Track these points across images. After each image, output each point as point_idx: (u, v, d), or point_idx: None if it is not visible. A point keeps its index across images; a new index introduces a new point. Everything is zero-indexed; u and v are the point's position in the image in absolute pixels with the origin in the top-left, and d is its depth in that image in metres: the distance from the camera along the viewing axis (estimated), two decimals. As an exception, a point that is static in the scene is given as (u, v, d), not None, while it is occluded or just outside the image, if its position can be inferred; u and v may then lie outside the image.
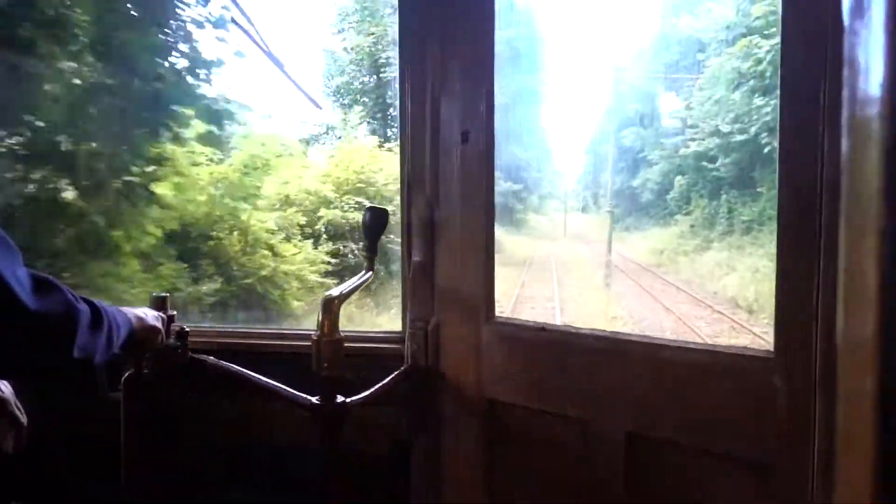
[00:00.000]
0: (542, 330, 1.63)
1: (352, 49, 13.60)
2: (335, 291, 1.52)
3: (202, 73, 6.58)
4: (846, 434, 0.69)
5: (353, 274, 1.70)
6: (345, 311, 1.56)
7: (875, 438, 0.58)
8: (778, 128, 1.28)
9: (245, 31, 2.10)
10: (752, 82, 14.66)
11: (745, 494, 1.36)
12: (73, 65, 5.58)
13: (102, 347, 1.30)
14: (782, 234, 1.27)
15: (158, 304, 1.78)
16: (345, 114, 12.73)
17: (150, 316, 1.60)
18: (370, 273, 1.73)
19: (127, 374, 1.73)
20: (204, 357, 1.81)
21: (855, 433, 0.64)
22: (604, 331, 1.57)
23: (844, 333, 0.66)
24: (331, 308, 1.48)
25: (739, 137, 15.09)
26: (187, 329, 1.79)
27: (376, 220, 1.72)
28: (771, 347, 1.29)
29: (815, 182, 1.20)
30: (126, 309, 1.49)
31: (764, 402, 1.29)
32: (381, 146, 9.80)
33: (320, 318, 1.47)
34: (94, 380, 1.87)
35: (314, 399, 1.48)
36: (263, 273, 7.30)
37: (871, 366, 0.60)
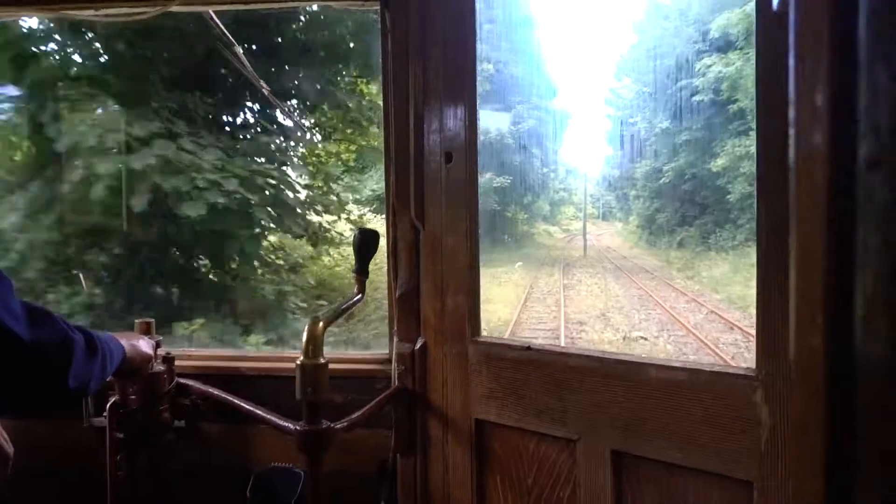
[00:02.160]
0: (527, 349, 1.64)
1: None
2: (320, 315, 1.52)
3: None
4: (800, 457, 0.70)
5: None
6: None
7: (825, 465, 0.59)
8: (755, 136, 1.30)
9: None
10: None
11: (730, 511, 1.36)
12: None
13: (97, 376, 1.30)
14: (761, 253, 1.28)
15: (144, 328, 1.78)
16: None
17: (143, 342, 1.61)
18: (360, 295, 1.73)
19: (112, 401, 1.72)
20: (190, 382, 1.81)
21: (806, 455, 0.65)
22: (589, 349, 1.57)
23: (796, 352, 0.66)
24: (315, 332, 1.48)
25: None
26: (173, 354, 1.79)
27: (367, 241, 1.72)
28: (752, 365, 1.30)
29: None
30: (118, 335, 1.49)
31: (745, 420, 1.30)
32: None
33: (305, 343, 1.47)
34: (78, 406, 1.87)
35: (298, 425, 1.48)
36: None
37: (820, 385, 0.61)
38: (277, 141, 7.73)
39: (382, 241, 1.81)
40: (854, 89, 0.51)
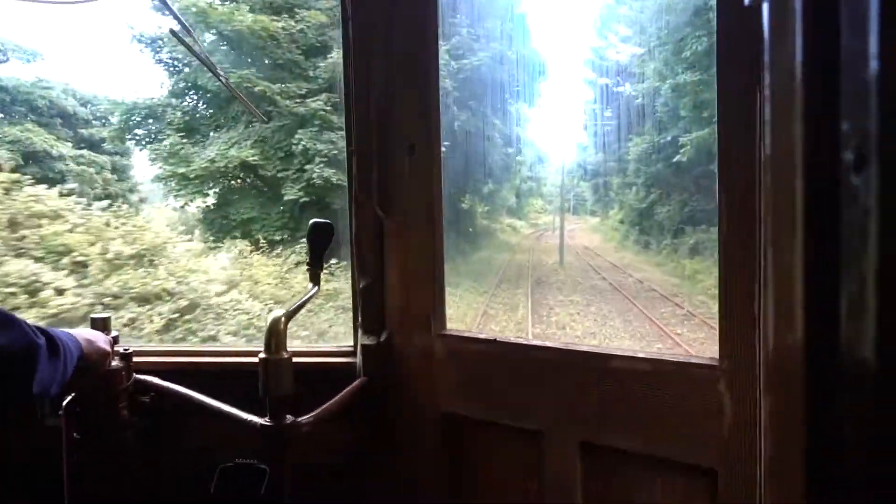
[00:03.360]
0: (493, 342, 1.63)
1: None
2: (281, 310, 1.49)
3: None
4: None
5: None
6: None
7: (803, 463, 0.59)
8: (717, 130, 1.30)
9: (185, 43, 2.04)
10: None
11: (693, 499, 1.38)
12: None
13: (59, 380, 1.28)
14: (723, 242, 1.29)
15: (100, 325, 1.73)
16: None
17: (101, 339, 1.56)
18: (316, 288, 1.70)
19: (68, 399, 1.67)
20: (149, 379, 1.76)
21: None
22: (554, 342, 1.57)
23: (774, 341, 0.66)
24: (277, 327, 1.45)
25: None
26: (130, 350, 1.74)
27: (320, 233, 1.69)
28: (716, 355, 1.31)
29: (755, 187, 1.22)
30: (74, 331, 1.45)
31: (709, 409, 1.31)
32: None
33: (266, 338, 1.44)
34: (34, 406, 1.81)
35: (263, 420, 1.45)
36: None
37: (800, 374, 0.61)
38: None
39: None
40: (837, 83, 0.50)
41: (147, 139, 15.28)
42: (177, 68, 15.00)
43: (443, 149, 1.81)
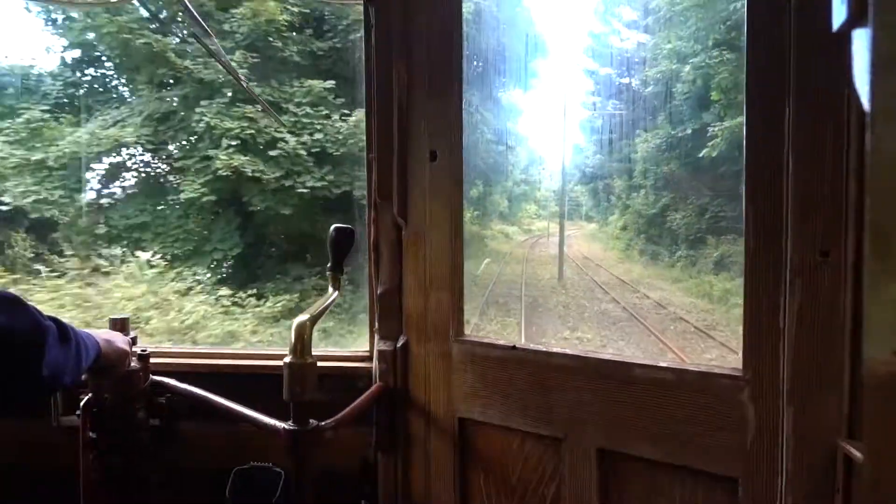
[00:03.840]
0: (512, 349, 1.64)
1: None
2: (306, 315, 1.50)
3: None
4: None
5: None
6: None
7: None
8: (744, 145, 1.32)
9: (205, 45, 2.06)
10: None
11: (713, 508, 1.39)
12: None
13: (72, 368, 1.25)
14: (750, 253, 1.31)
15: (119, 326, 1.73)
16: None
17: (119, 339, 1.56)
18: (336, 292, 1.71)
19: (85, 399, 1.67)
20: (166, 380, 1.76)
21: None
22: (575, 349, 1.59)
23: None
24: (303, 332, 1.46)
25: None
26: (148, 351, 1.74)
27: (342, 238, 1.70)
28: (739, 365, 1.33)
29: (782, 203, 1.25)
30: (93, 331, 1.45)
31: (731, 419, 1.33)
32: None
33: (292, 342, 1.45)
34: (46, 405, 1.81)
35: (286, 424, 1.46)
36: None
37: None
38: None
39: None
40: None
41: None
42: (71, 31, 11.20)
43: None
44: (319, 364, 1.52)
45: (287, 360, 1.44)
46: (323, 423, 1.48)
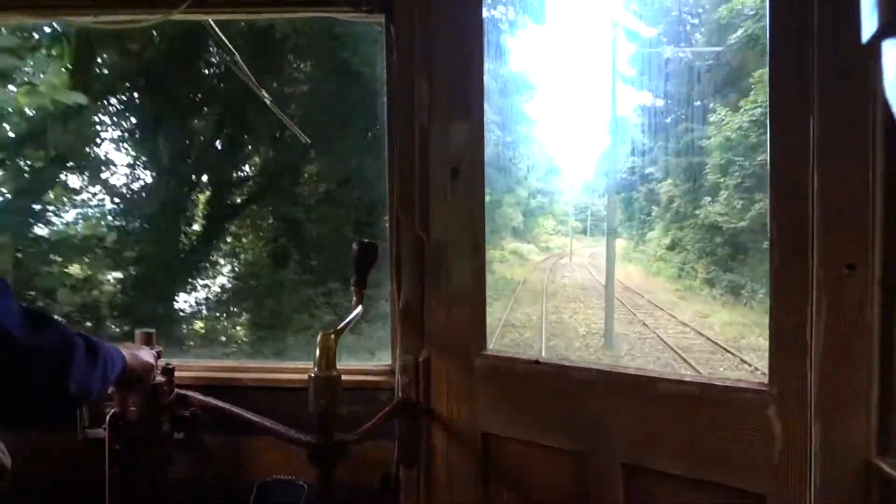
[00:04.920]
0: (535, 363, 1.65)
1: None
2: (331, 329, 1.51)
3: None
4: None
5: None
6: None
7: None
8: (768, 159, 1.33)
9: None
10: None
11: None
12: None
13: (98, 383, 1.26)
14: (775, 269, 1.31)
15: (145, 339, 1.75)
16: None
17: (144, 352, 1.58)
18: (360, 307, 1.73)
19: (112, 413, 1.69)
20: (191, 394, 1.78)
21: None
22: (598, 363, 1.59)
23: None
24: (328, 344, 1.47)
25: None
26: (172, 365, 1.76)
27: (366, 254, 1.72)
28: (765, 380, 1.33)
29: (808, 216, 1.25)
30: (119, 345, 1.46)
31: (758, 434, 1.32)
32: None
33: (317, 356, 1.46)
34: (72, 418, 1.83)
35: (311, 437, 1.47)
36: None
37: None
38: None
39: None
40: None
41: None
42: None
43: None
44: (342, 377, 1.53)
45: (313, 373, 1.45)
46: (347, 437, 1.49)
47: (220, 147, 9.19)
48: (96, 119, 8.06)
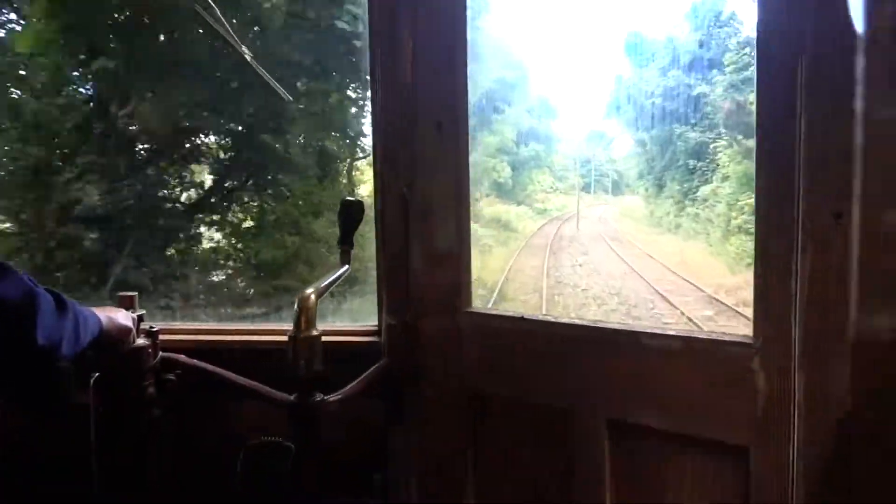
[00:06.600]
0: (521, 320, 1.63)
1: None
2: (311, 288, 1.49)
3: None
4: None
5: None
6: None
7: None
8: (755, 108, 1.28)
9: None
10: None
11: (724, 477, 1.37)
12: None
13: (69, 337, 1.22)
14: (760, 219, 1.28)
15: (126, 303, 1.73)
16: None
17: (121, 315, 1.55)
18: (346, 266, 1.70)
19: (96, 377, 1.68)
20: (175, 356, 1.77)
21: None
22: (583, 319, 1.57)
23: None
24: (307, 304, 1.45)
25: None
26: (157, 328, 1.74)
27: (352, 212, 1.70)
28: (750, 332, 1.30)
29: (794, 165, 1.21)
30: (96, 309, 1.44)
31: (742, 387, 1.31)
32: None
33: (296, 316, 1.44)
34: (58, 384, 1.82)
35: (292, 398, 1.46)
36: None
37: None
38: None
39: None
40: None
41: None
42: None
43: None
44: (326, 339, 1.52)
45: (291, 333, 1.43)
46: (328, 397, 1.48)
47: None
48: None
